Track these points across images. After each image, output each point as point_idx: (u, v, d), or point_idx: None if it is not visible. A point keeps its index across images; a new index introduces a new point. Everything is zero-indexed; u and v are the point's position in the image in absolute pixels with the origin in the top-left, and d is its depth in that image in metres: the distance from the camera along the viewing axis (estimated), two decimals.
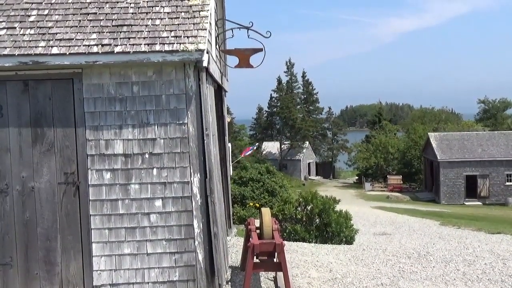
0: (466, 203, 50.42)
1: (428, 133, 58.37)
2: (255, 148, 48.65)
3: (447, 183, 51.48)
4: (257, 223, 8.33)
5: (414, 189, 62.66)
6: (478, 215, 37.74)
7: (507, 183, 51.18)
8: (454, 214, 36.52)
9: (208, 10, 7.52)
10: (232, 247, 10.74)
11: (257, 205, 19.84)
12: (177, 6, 7.56)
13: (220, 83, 9.87)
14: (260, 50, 9.03)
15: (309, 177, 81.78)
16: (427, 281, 8.83)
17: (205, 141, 7.06)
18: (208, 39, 7.30)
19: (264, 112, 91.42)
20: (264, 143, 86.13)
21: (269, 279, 8.46)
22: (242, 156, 35.44)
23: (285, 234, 13.64)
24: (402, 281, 8.76)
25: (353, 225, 14.64)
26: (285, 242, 11.01)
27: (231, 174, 24.35)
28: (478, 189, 51.44)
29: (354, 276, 8.97)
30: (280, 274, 7.70)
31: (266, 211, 7.83)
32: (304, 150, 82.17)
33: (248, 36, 9.28)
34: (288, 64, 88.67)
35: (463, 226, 21.51)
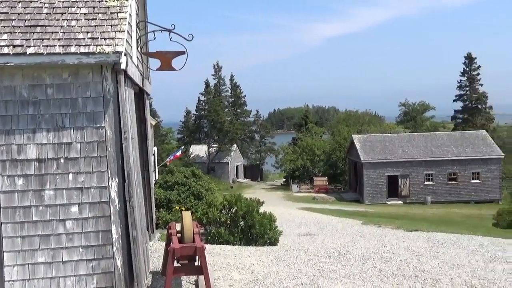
0: (388, 203, 52.12)
1: (352, 135, 59.91)
2: (181, 152, 48.15)
3: (370, 184, 53.06)
4: (178, 227, 8.29)
5: (339, 190, 64.11)
6: (398, 213, 39.21)
7: (426, 183, 53.36)
8: (376, 213, 37.74)
9: (127, 11, 7.42)
10: (155, 252, 10.63)
11: (183, 209, 19.70)
12: (94, 7, 7.41)
13: (142, 86, 9.74)
14: (183, 53, 9.01)
15: (237, 180, 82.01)
16: (345, 279, 9.09)
17: (124, 145, 6.95)
18: (127, 41, 7.20)
19: (192, 115, 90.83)
20: (192, 146, 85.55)
21: (190, 283, 8.44)
22: (171, 163, 34.98)
23: (209, 237, 13.63)
24: (322, 280, 8.97)
25: (277, 226, 14.82)
26: (208, 245, 11.01)
27: (157, 178, 24.06)
28: (399, 189, 53.31)
29: (275, 276, 9.10)
30: (201, 278, 7.70)
31: (186, 215, 7.81)
32: (232, 153, 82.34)
33: (170, 39, 9.22)
34: (216, 67, 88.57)
35: (383, 225, 22.24)
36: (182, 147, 61.99)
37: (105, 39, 6.82)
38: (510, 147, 69.32)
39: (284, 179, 77.33)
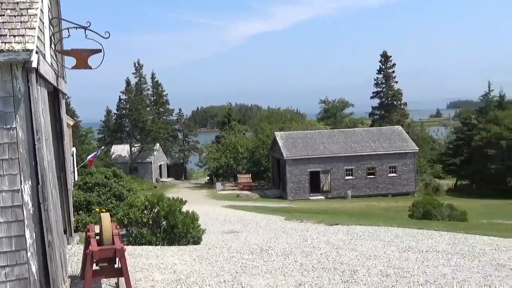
0: (311, 198, 53.27)
1: (275, 133, 60.73)
2: (101, 151, 46.95)
3: (293, 180, 54.01)
4: (98, 229, 8.11)
5: (263, 186, 64.80)
6: (320, 208, 40.16)
7: (347, 177, 54.99)
8: (299, 209, 38.44)
9: (37, 8, 7.15)
10: (74, 255, 10.34)
11: (104, 210, 19.22)
12: (2, 3, 7.09)
13: (56, 85, 9.43)
14: (99, 51, 8.81)
15: (161, 179, 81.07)
16: (268, 275, 9.23)
17: (37, 146, 6.71)
18: (39, 38, 6.95)
19: (113, 115, 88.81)
20: (113, 146, 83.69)
21: (111, 285, 8.29)
22: (91, 166, 33.95)
23: (131, 238, 13.41)
24: (244, 276, 9.06)
25: (200, 225, 14.79)
26: (129, 246, 10.83)
27: (76, 179, 23.32)
28: (321, 184, 54.62)
29: (198, 275, 9.10)
30: (122, 280, 7.57)
31: (105, 216, 7.66)
32: (155, 152, 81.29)
33: (86, 36, 9.00)
34: (137, 65, 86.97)
35: (305, 220, 22.68)
36: (102, 147, 60.42)
37: (14, 36, 6.55)
38: (423, 142, 72.75)
39: (208, 178, 77.24)
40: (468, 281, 9.06)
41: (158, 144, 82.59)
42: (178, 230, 13.75)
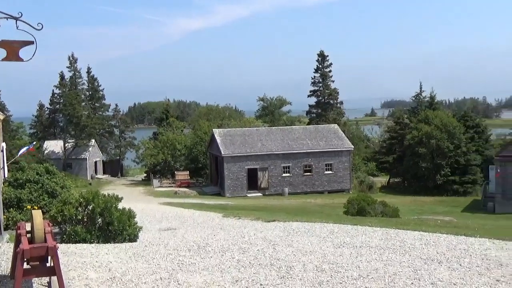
0: (249, 195, 53.53)
1: (213, 129, 60.61)
2: (32, 146, 45.36)
3: (230, 177, 54.09)
4: (29, 227, 7.85)
5: (201, 184, 64.54)
6: (258, 205, 40.47)
7: (284, 175, 55.60)
8: (237, 206, 38.60)
9: None
10: (3, 254, 9.99)
11: (36, 208, 18.61)
12: None
13: None
14: (31, 42, 8.53)
15: (96, 176, 79.26)
16: (204, 271, 9.23)
17: None
18: None
19: (46, 109, 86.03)
20: (46, 142, 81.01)
21: (43, 285, 8.06)
22: (19, 156, 32.82)
23: (64, 236, 13.07)
24: (181, 273, 9.02)
25: (136, 222, 14.59)
26: (63, 244, 10.57)
27: (6, 176, 22.47)
28: (259, 181, 54.97)
29: (134, 273, 8.99)
30: (54, 279, 7.37)
31: (37, 214, 7.43)
32: (90, 149, 79.33)
33: (17, 28, 8.68)
34: (71, 59, 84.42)
35: (243, 217, 22.80)
36: (34, 143, 58.39)
37: None
38: (358, 140, 74.61)
39: (145, 174, 76.21)
40: (399, 274, 9.39)
41: (93, 140, 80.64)
42: (114, 227, 13.51)
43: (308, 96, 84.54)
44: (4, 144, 17.45)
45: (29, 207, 20.07)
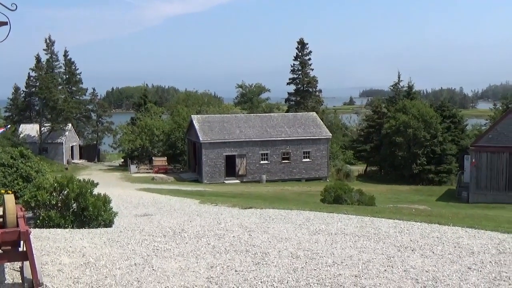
0: (226, 182, 53.57)
1: (192, 116, 60.34)
2: (7, 129, 44.74)
3: (208, 163, 54.04)
4: (0, 211, 7.74)
5: (178, 170, 64.36)
6: (236, 192, 40.53)
7: (262, 162, 55.74)
8: (214, 192, 38.59)
9: None
10: None
11: (9, 192, 18.36)
12: None
13: None
14: (5, 23, 8.32)
15: (73, 161, 78.46)
16: (179, 257, 9.22)
17: None
18: None
19: (22, 92, 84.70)
20: (21, 125, 79.83)
21: (15, 270, 7.97)
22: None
23: (38, 221, 12.93)
24: (156, 259, 9.00)
25: (112, 208, 14.49)
26: (36, 229, 10.46)
27: None
28: (237, 168, 55.03)
29: (108, 258, 8.94)
30: (26, 264, 7.30)
31: (9, 198, 7.33)
32: (67, 133, 78.41)
33: None
34: (48, 41, 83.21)
35: (220, 203, 22.79)
36: (8, 126, 57.50)
37: None
38: (336, 128, 74.99)
39: (122, 160, 75.65)
40: (372, 261, 9.49)
41: (70, 125, 79.69)
42: (89, 212, 13.41)
43: (287, 83, 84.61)
44: None
45: (2, 191, 19.83)
